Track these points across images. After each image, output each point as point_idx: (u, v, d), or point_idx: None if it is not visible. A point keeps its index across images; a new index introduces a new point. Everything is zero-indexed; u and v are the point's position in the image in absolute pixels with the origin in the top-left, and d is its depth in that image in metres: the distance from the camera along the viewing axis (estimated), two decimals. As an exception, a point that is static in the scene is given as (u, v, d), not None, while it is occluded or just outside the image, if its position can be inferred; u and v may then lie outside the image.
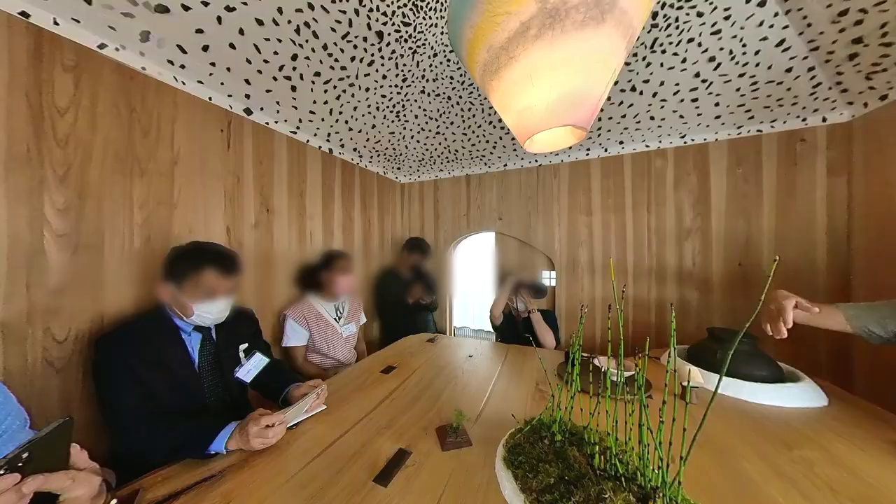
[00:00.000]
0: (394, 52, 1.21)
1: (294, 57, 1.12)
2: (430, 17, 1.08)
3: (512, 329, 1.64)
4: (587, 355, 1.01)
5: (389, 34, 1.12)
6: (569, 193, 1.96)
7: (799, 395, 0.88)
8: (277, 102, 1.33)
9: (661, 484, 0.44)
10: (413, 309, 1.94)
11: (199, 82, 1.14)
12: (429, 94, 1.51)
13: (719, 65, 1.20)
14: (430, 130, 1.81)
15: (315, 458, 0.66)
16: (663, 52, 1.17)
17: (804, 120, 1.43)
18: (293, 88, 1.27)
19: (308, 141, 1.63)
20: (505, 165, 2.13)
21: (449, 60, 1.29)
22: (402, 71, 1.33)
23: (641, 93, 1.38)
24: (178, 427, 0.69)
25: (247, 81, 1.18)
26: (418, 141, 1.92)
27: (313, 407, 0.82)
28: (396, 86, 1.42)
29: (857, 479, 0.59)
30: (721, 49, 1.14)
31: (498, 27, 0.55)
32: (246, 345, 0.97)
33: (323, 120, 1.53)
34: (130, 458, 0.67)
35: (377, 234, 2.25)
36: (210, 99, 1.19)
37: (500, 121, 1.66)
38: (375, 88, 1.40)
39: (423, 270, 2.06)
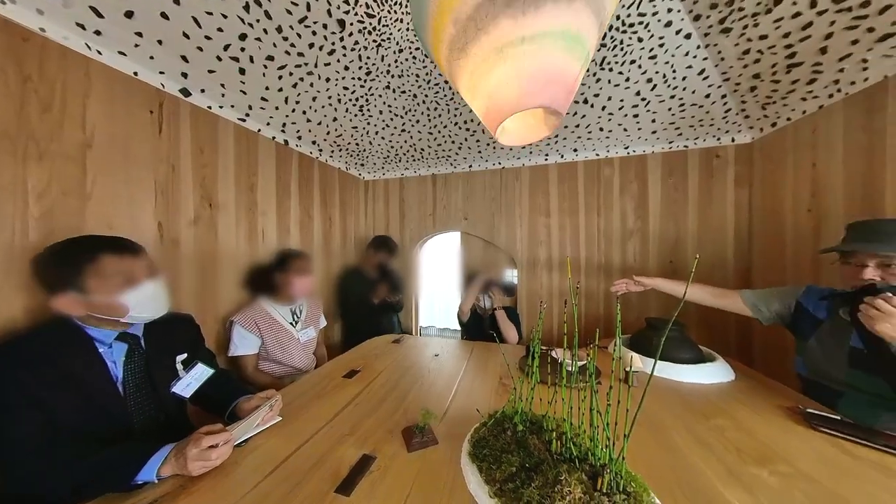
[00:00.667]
0: (357, 43, 1.17)
1: (242, 36, 1.02)
2: (396, 12, 1.06)
3: (478, 326, 1.69)
4: (546, 348, 1.08)
5: (352, 24, 1.07)
6: (529, 196, 2.06)
7: (714, 373, 1.04)
8: (223, 85, 1.20)
9: (609, 461, 0.49)
10: (378, 309, 1.88)
11: (121, 53, 0.98)
12: (394, 91, 1.48)
13: (655, 86, 1.36)
14: (395, 127, 1.77)
15: (268, 475, 0.61)
16: (610, 70, 1.30)
17: (718, 139, 1.69)
18: (241, 71, 1.15)
19: (259, 130, 1.50)
20: (470, 166, 2.17)
21: (415, 58, 1.28)
22: (366, 64, 1.29)
23: (592, 105, 1.50)
24: (90, 458, 0.58)
25: (184, 58, 1.04)
26: (383, 137, 1.87)
27: (266, 420, 0.75)
28: (359, 79, 1.36)
29: (755, 439, 0.71)
30: (656, 72, 1.29)
31: None
32: (185, 355, 0.86)
33: (277, 108, 1.41)
34: (25, 500, 0.55)
35: (339, 233, 2.14)
36: (136, 74, 1.03)
37: (465, 122, 1.69)
38: (337, 79, 1.33)
39: (389, 269, 2.00)
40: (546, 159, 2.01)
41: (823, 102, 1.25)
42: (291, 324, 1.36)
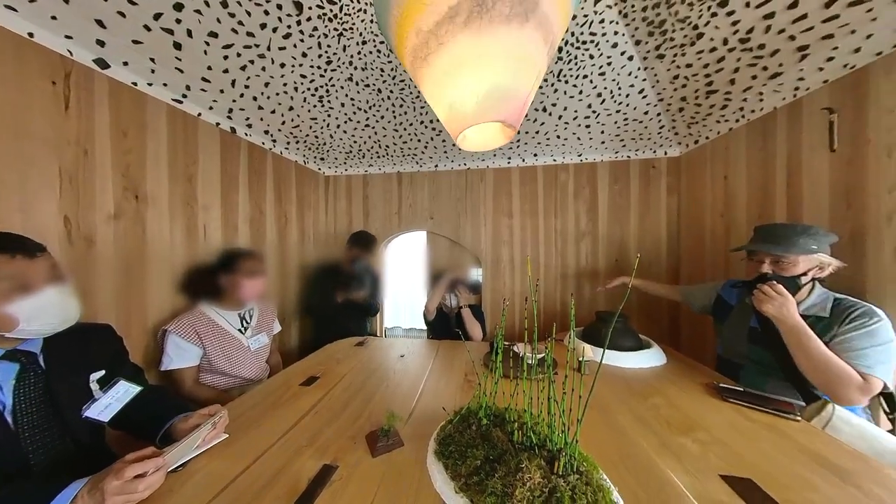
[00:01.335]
0: (315, 29, 1.10)
1: (178, 6, 0.90)
2: (359, 2, 1.02)
3: (444, 325, 1.70)
4: (508, 343, 1.12)
5: (311, 8, 1.01)
6: (493, 197, 2.13)
7: (650, 358, 1.18)
8: (152, 60, 1.04)
9: (564, 445, 0.53)
10: (344, 310, 1.76)
11: (10, 8, 0.80)
12: (357, 83, 1.42)
13: (604, 100, 1.50)
14: (358, 122, 1.71)
15: (212, 500, 0.55)
16: (566, 82, 1.39)
17: (654, 152, 1.91)
18: (177, 46, 1.01)
19: (200, 115, 1.33)
20: (436, 166, 2.18)
21: (380, 52, 1.25)
22: (327, 53, 1.22)
23: (550, 114, 1.60)
24: None
25: (99, 23, 0.89)
26: (345, 131, 1.79)
27: (209, 439, 0.68)
28: (319, 67, 1.29)
29: (682, 413, 0.82)
30: (605, 88, 1.42)
31: (426, 8, 0.54)
32: (102, 372, 0.73)
33: (222, 92, 1.27)
34: None
35: (296, 231, 2.00)
36: (31, 36, 0.85)
37: (431, 121, 1.69)
38: (293, 66, 1.24)
39: (361, 267, 1.86)
40: (509, 162, 2.10)
41: (732, 126, 1.48)
42: (240, 330, 1.23)
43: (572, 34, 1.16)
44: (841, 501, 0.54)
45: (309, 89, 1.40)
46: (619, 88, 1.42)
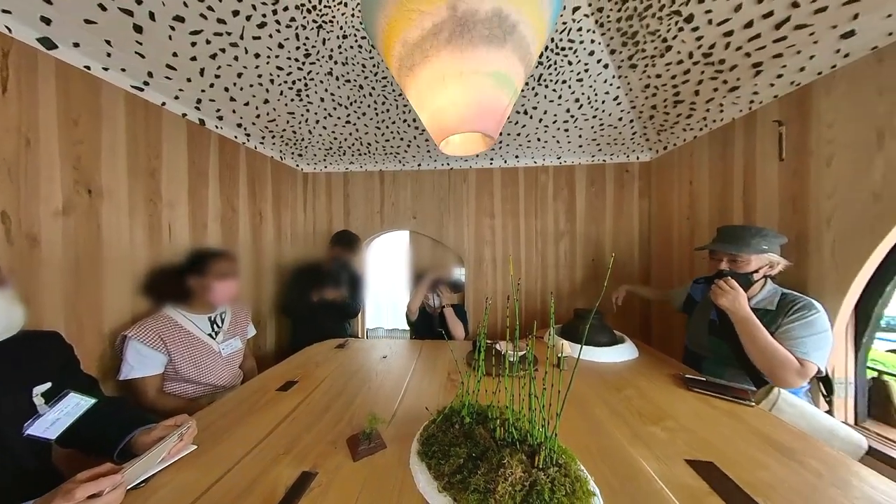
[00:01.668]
0: (293, 20, 1.06)
1: (139, -14, 0.83)
2: (339, -6, 0.99)
3: (427, 325, 1.69)
4: (491, 342, 1.14)
5: (288, -2, 0.97)
6: (476, 197, 2.15)
7: (624, 352, 1.24)
8: (108, 42, 0.96)
9: (544, 439, 0.54)
10: (321, 311, 1.69)
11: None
12: (337, 78, 1.39)
13: (581, 105, 1.55)
14: (338, 118, 1.66)
15: (179, 515, 0.51)
16: (546, 86, 1.43)
17: (628, 157, 2.01)
18: (137, 28, 0.94)
19: (165, 104, 1.24)
20: (419, 165, 2.16)
21: (360, 46, 1.22)
22: (305, 45, 1.17)
23: (531, 117, 1.64)
24: None
25: (45, -2, 0.80)
26: (325, 127, 1.73)
27: (174, 452, 0.63)
28: (297, 59, 1.24)
29: (652, 403, 0.87)
30: (582, 93, 1.48)
31: (412, 23, 0.56)
32: (48, 385, 0.66)
33: (189, 81, 1.19)
34: None
35: (272, 229, 1.91)
36: (-41, 7, 0.75)
37: (414, 120, 1.67)
38: (269, 57, 1.19)
39: (337, 266, 1.79)
40: (491, 163, 2.12)
41: (696, 134, 1.59)
42: (211, 335, 1.17)
43: (552, 40, 1.20)
44: (786, 476, 0.59)
45: (286, 82, 1.34)
46: (596, 94, 1.48)
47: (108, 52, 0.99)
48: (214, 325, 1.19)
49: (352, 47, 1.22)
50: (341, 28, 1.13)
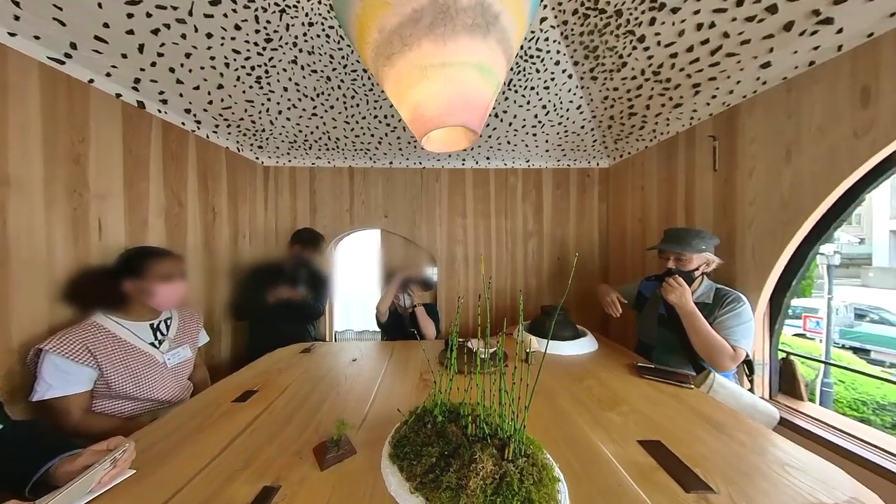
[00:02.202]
0: (252, 0, 0.98)
1: (58, -59, 0.71)
2: (305, -21, 0.94)
3: (398, 325, 1.67)
4: (462, 340, 1.15)
5: (246, -24, 0.89)
6: (448, 197, 2.17)
7: (585, 345, 1.33)
8: (16, 3, 0.81)
9: (513, 431, 0.56)
10: (280, 313, 1.58)
11: None
12: (303, 67, 1.31)
13: (548, 112, 1.63)
14: (304, 109, 1.57)
15: (113, 550, 0.45)
16: (515, 91, 1.48)
17: (589, 163, 2.16)
18: (56, -9, 0.81)
19: (92, 81, 1.08)
20: (391, 163, 2.12)
21: (329, 36, 1.16)
22: (266, 29, 1.09)
23: (502, 120, 1.69)
24: None
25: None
26: (288, 118, 1.63)
27: (107, 480, 0.55)
28: (257, 44, 1.15)
29: (610, 391, 0.95)
30: (549, 101, 1.55)
31: (389, 8, 0.53)
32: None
33: (125, 57, 1.05)
34: None
35: (227, 226, 1.76)
36: None
37: (385, 116, 1.64)
38: (223, 38, 1.09)
39: (297, 265, 1.69)
40: (463, 164, 2.15)
41: (647, 144, 1.75)
42: (153, 344, 1.04)
43: (522, 47, 1.24)
44: (718, 448, 0.68)
45: (244, 67, 1.24)
46: (561, 102, 1.56)
47: (17, 14, 0.83)
48: (158, 333, 1.07)
49: (318, 36, 1.16)
50: (307, 15, 1.07)
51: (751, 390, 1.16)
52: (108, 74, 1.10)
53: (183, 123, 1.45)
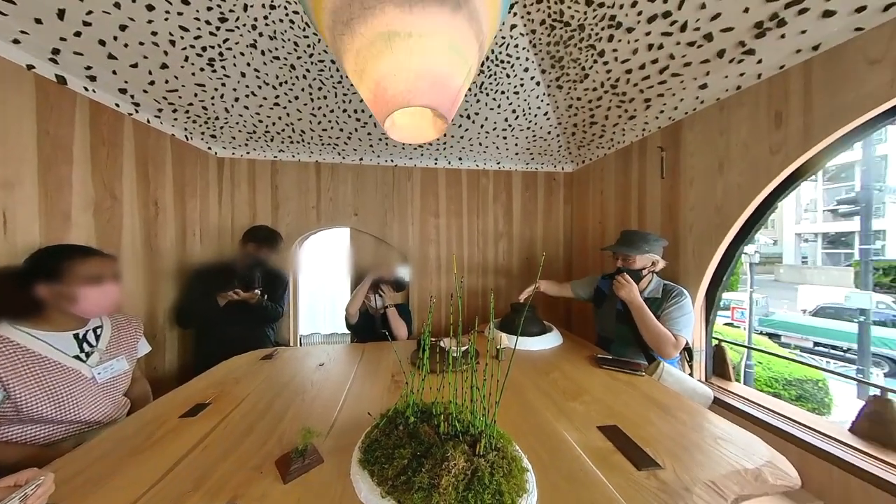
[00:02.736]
0: (204, -26, 0.89)
1: None
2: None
3: (369, 327, 1.62)
4: (435, 340, 1.16)
5: (196, -54, 0.81)
6: (421, 197, 2.15)
7: (551, 340, 1.40)
8: None
9: (484, 427, 0.58)
10: (232, 316, 1.44)
11: None
12: (263, 53, 1.22)
13: (518, 116, 1.69)
14: (264, 98, 1.46)
15: None
16: (487, 94, 1.52)
17: (555, 167, 2.27)
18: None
19: (-5, 47, 0.91)
20: (361, 159, 2.06)
21: (293, 22, 1.10)
22: (220, 8, 1.00)
23: (473, 122, 1.72)
24: None
25: None
26: (246, 107, 1.51)
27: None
28: (209, 23, 1.05)
29: (573, 382, 1.01)
30: (518, 106, 1.61)
31: None
32: None
33: (40, 23, 0.90)
34: None
35: (173, 223, 1.58)
36: None
37: (356, 111, 1.58)
38: (167, 11, 0.98)
39: (253, 265, 1.55)
40: (436, 163, 2.15)
41: (606, 152, 1.89)
42: (79, 357, 0.90)
43: (493, 51, 1.27)
44: (664, 427, 0.75)
45: (193, 47, 1.12)
46: (529, 108, 1.63)
47: None
48: (85, 344, 0.92)
49: (282, 20, 1.09)
50: (268, -4, 1.00)
51: (690, 374, 1.31)
52: (16, 41, 0.93)
53: (117, 105, 1.27)
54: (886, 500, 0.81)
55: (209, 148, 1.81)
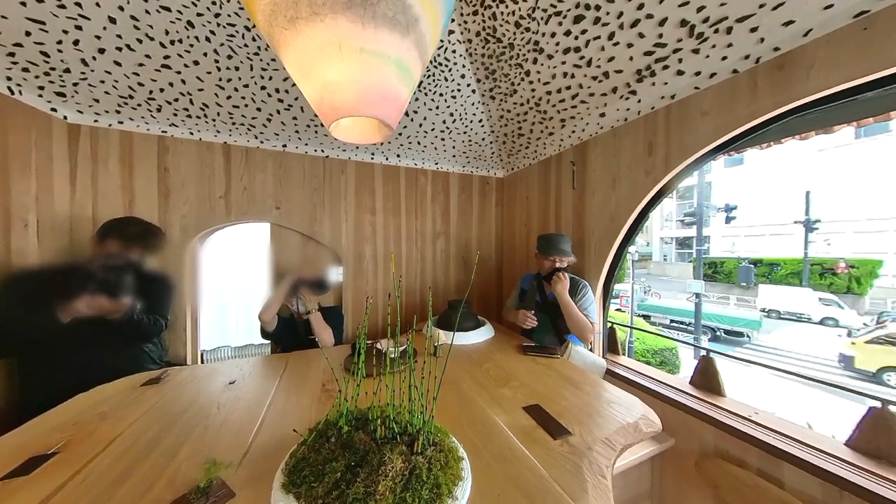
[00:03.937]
0: None
1: None
2: None
3: (292, 333, 1.46)
4: (371, 342, 1.11)
5: None
6: (355, 193, 2.03)
7: (485, 333, 1.51)
8: None
9: (422, 424, 0.58)
10: (84, 334, 1.07)
11: None
12: (146, 0, 0.97)
13: (455, 120, 1.75)
14: (147, 56, 1.16)
15: None
16: (426, 94, 1.53)
17: (489, 171, 2.44)
18: None
19: None
20: (284, 146, 1.82)
21: (191, -31, 0.90)
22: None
23: (413, 120, 1.70)
24: None
25: None
26: (118, 62, 1.17)
27: None
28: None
29: (503, 370, 1.10)
30: (456, 110, 1.66)
31: None
32: None
33: None
34: None
35: (-15, 209, 1.12)
36: None
37: (277, 91, 1.39)
38: None
39: (120, 268, 1.18)
40: (372, 158, 2.06)
41: (531, 162, 2.12)
42: None
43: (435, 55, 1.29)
44: (574, 401, 0.89)
45: (24, -34, 0.81)
46: (466, 113, 1.71)
47: None
48: None
49: (174, -36, 0.88)
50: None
51: (591, 351, 1.58)
52: None
53: None
54: (704, 427, 1.14)
55: (53, 109, 1.34)
